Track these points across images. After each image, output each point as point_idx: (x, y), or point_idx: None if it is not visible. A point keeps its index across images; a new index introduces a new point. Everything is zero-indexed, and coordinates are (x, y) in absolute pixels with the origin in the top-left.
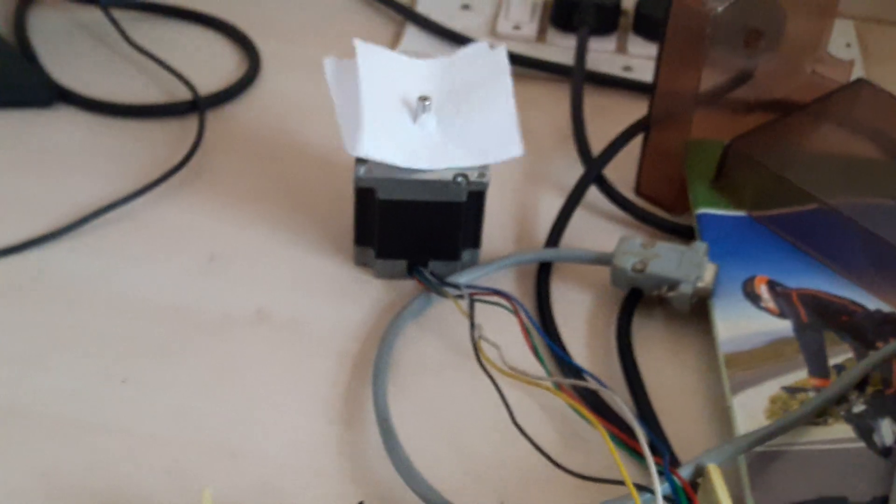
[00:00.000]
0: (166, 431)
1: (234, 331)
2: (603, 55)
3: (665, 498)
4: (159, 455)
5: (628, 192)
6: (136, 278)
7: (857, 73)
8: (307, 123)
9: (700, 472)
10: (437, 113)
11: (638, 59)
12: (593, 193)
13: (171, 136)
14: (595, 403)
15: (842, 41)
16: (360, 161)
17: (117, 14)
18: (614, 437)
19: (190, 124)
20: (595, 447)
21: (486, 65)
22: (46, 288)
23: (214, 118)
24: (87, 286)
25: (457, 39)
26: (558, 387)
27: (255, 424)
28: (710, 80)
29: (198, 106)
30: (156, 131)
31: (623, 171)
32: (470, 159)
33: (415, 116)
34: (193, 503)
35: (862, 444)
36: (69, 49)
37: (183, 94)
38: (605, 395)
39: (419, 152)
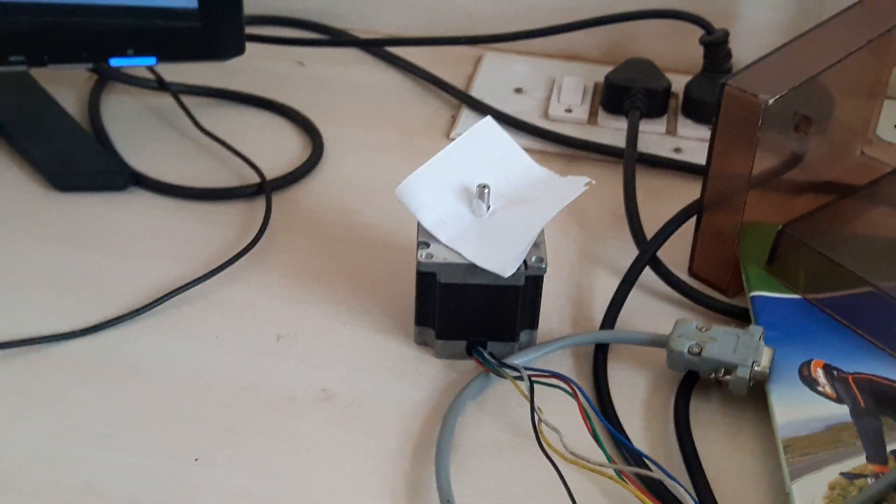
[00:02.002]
0: None
1: (299, 410)
2: (653, 137)
3: None
4: None
5: (682, 273)
6: (208, 358)
7: None
8: (368, 206)
9: None
10: (492, 206)
11: (688, 140)
12: (648, 275)
13: (239, 219)
14: (655, 489)
15: (890, 123)
16: (422, 245)
17: (186, 100)
18: None
19: (257, 207)
20: None
21: (559, 189)
22: (122, 367)
23: (280, 201)
24: (161, 365)
25: (510, 122)
26: (620, 474)
27: None
28: (761, 164)
29: (264, 189)
30: (225, 214)
31: (677, 253)
32: (469, 254)
33: (471, 200)
34: None
35: None
36: (141, 133)
37: (250, 177)
38: (668, 483)
39: (445, 226)
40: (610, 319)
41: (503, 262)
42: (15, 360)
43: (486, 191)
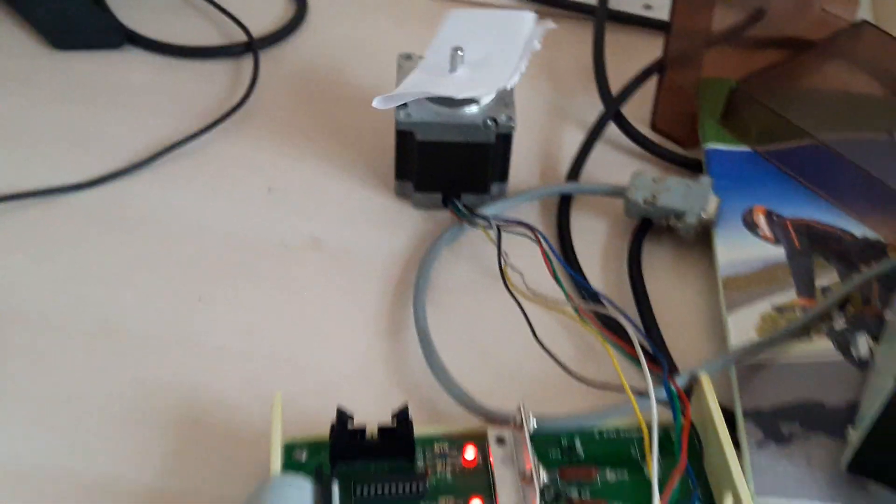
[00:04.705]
0: (237, 344)
1: (292, 256)
2: None
3: (662, 403)
4: (233, 364)
5: (645, 127)
6: (205, 208)
7: (864, 7)
8: (352, 63)
9: (694, 380)
10: (468, 57)
11: None
12: (613, 129)
13: (228, 76)
14: (609, 323)
15: None
16: (401, 105)
17: None
18: (624, 352)
19: (245, 64)
20: (606, 359)
21: (523, 30)
22: (129, 216)
23: (267, 59)
24: (164, 215)
25: None
26: (577, 310)
27: (314, 338)
28: (722, 20)
29: (252, 47)
30: (215, 71)
31: (642, 107)
32: (461, 90)
33: (452, 65)
34: (266, 405)
35: (840, 358)
36: None
37: (236, 34)
38: (619, 318)
39: (440, 81)
40: (575, 172)
41: (490, 86)
42: (31, 210)
43: (460, 52)
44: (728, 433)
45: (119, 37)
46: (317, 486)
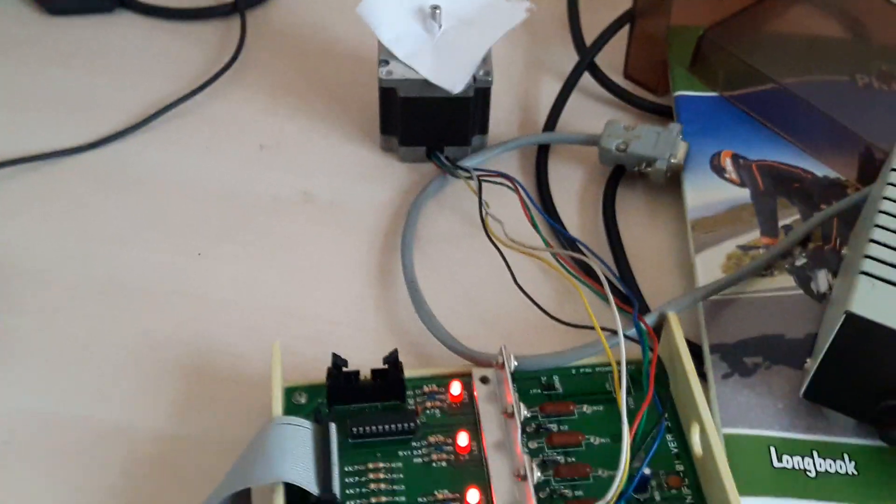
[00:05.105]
0: (237, 295)
1: (285, 210)
2: None
3: (635, 340)
4: (234, 314)
5: (618, 76)
6: (200, 166)
7: None
8: (338, 21)
9: (663, 318)
10: (443, 25)
11: None
12: (588, 78)
13: (217, 37)
14: (585, 267)
15: None
16: (383, 63)
17: None
18: (599, 294)
19: (233, 25)
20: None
21: (503, 13)
22: (128, 176)
23: (253, 18)
24: (161, 174)
25: None
26: (555, 256)
27: (308, 288)
28: None
29: (238, 7)
30: (203, 32)
31: (615, 56)
32: (425, 71)
33: (424, 19)
34: (265, 352)
35: (800, 292)
36: None
37: None
38: (594, 262)
39: (402, 43)
40: (552, 122)
41: (453, 80)
42: (34, 173)
43: (438, 11)
44: (693, 367)
45: (111, 1)
46: (316, 427)
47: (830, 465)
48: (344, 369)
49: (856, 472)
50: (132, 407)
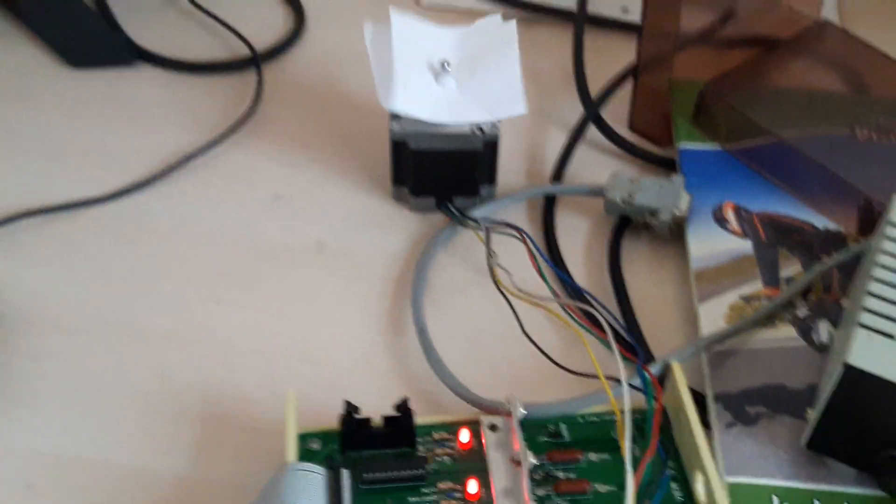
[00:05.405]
0: (252, 342)
1: (298, 259)
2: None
3: (638, 389)
4: (249, 361)
5: (623, 128)
6: (217, 216)
7: (829, 4)
8: (351, 74)
9: (667, 367)
10: (456, 74)
11: (635, 0)
12: (594, 130)
13: (233, 90)
14: (591, 316)
15: None
16: (394, 117)
17: None
18: (605, 343)
19: (248, 78)
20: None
21: (498, 35)
22: (146, 227)
23: (270, 71)
24: (179, 224)
25: None
26: (563, 307)
27: (321, 336)
28: (691, 21)
29: (255, 61)
30: (220, 85)
31: (620, 108)
32: (482, 115)
33: (437, 77)
34: (279, 398)
35: (802, 343)
36: (139, 9)
37: (238, 48)
38: (600, 312)
39: (441, 108)
40: (558, 173)
41: (513, 106)
42: (56, 223)
43: (447, 64)
44: (697, 416)
45: (131, 54)
46: (329, 473)
47: None
48: (356, 416)
49: None
50: (148, 451)
